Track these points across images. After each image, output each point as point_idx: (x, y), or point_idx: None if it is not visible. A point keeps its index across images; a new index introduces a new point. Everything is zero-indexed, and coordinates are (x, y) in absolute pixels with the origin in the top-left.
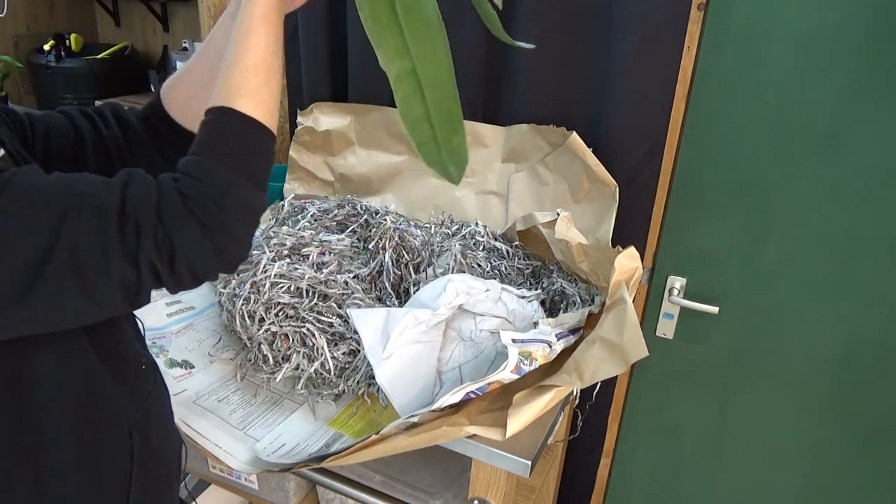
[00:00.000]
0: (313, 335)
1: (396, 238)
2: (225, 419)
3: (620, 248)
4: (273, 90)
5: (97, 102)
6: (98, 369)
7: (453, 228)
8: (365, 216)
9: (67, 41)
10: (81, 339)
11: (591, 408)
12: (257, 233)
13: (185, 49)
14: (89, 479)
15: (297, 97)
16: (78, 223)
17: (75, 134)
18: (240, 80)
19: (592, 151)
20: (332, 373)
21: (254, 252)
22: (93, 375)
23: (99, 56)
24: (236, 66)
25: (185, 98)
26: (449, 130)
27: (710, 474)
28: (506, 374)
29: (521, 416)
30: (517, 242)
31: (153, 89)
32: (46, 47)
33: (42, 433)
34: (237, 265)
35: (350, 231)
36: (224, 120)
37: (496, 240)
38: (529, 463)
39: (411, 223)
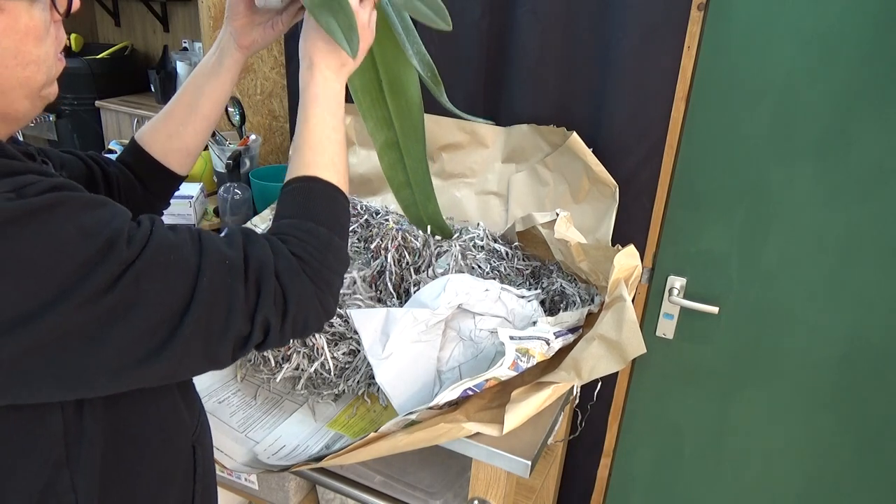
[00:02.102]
0: (313, 335)
1: (399, 239)
2: (225, 421)
3: (620, 247)
4: (343, 160)
5: (97, 102)
6: (173, 392)
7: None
8: (365, 216)
9: (67, 41)
10: None
11: (591, 408)
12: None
13: (185, 49)
14: (167, 499)
15: (298, 97)
16: (211, 281)
17: (87, 170)
18: (313, 155)
19: (592, 151)
20: (332, 373)
21: None
22: (169, 398)
23: (99, 56)
24: (307, 143)
25: (166, 137)
26: (424, 197)
27: (710, 474)
28: (503, 371)
29: (519, 412)
30: (517, 243)
31: (153, 89)
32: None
33: (133, 459)
34: (326, 322)
35: (350, 231)
36: (311, 185)
37: (496, 241)
38: (529, 463)
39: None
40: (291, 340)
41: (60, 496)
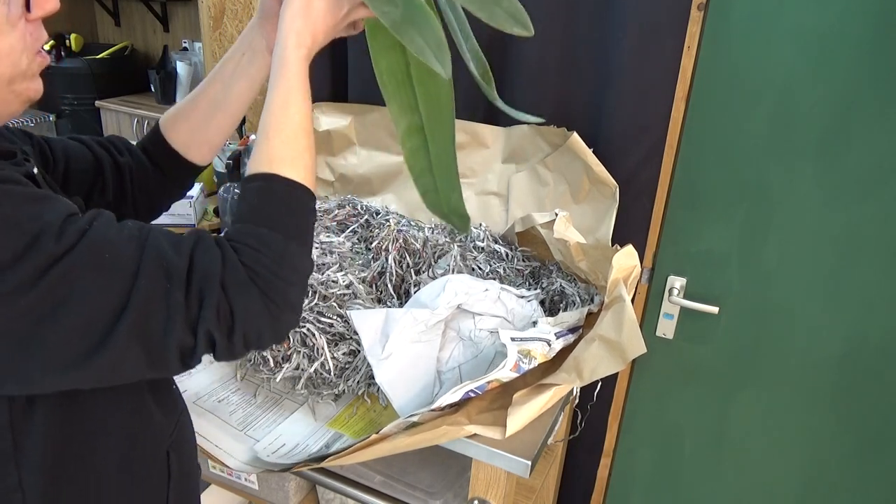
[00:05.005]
0: (313, 335)
1: (400, 240)
2: (225, 420)
3: (619, 247)
4: (312, 153)
5: (97, 102)
6: (145, 396)
7: (455, 236)
8: (366, 216)
9: (67, 41)
10: None
11: (591, 408)
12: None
13: (185, 49)
14: (133, 502)
15: None
16: (148, 285)
17: (94, 159)
18: (283, 148)
19: (592, 151)
20: (332, 373)
21: None
22: (139, 402)
23: (99, 56)
24: (278, 134)
25: (188, 131)
26: (448, 186)
27: (710, 474)
28: (505, 373)
29: (521, 415)
30: (516, 244)
31: (153, 89)
32: (46, 47)
33: (92, 460)
34: (287, 333)
35: (350, 231)
36: (271, 186)
37: (496, 242)
38: (529, 463)
39: (412, 223)
40: (246, 353)
41: (6, 490)
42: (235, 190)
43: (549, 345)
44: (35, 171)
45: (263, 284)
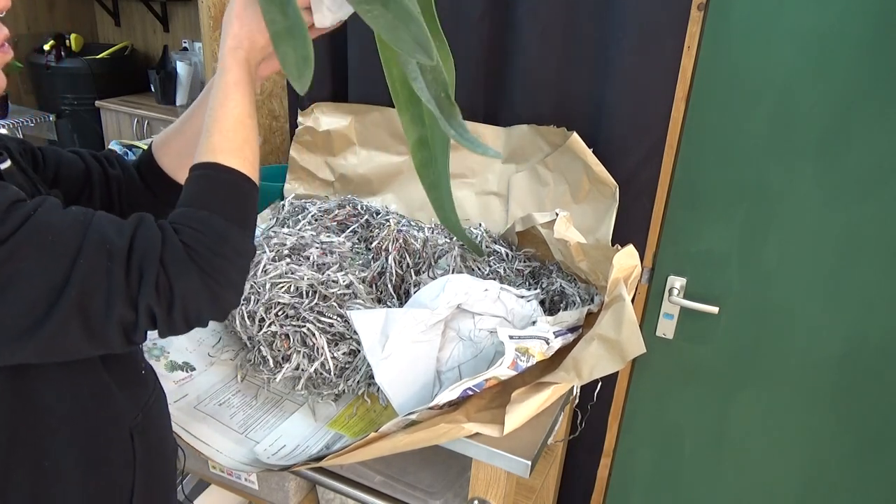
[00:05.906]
0: (313, 335)
1: (400, 240)
2: (226, 423)
3: (619, 247)
4: (252, 146)
5: (97, 102)
6: (103, 376)
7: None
8: (366, 216)
9: (67, 41)
10: None
11: (591, 408)
12: (258, 232)
13: (185, 49)
14: (92, 483)
15: (298, 97)
16: (89, 264)
17: (85, 168)
18: (222, 140)
19: (592, 151)
20: (333, 373)
21: None
22: (97, 382)
23: (99, 56)
24: (217, 127)
25: (176, 155)
26: (450, 202)
27: (710, 474)
28: (502, 370)
29: (519, 413)
30: (516, 244)
31: (153, 89)
32: (46, 47)
33: (45, 437)
34: (229, 312)
35: (350, 231)
36: (212, 174)
37: (496, 242)
38: (529, 463)
39: (412, 223)
40: (188, 330)
41: None
42: None
43: (548, 343)
44: (4, 166)
45: (203, 263)
